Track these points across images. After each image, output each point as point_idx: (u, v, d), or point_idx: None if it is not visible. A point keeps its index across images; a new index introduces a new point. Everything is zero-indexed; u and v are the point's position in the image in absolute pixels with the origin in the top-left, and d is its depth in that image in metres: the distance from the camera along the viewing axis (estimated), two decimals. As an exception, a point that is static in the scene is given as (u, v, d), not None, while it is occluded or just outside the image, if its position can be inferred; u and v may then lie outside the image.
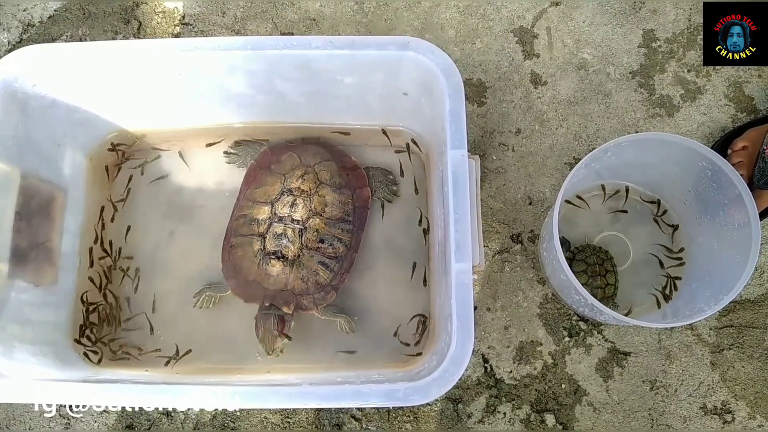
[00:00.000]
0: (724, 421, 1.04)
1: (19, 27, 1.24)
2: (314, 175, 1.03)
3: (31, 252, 0.94)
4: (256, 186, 1.06)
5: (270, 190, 1.03)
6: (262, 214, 1.01)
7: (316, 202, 1.01)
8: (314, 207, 1.01)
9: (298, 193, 1.01)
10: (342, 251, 1.02)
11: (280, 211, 1.00)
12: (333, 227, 1.01)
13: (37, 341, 0.93)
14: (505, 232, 1.12)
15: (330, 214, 1.02)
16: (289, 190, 1.02)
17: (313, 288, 1.00)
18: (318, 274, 1.00)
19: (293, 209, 1.00)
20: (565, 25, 1.21)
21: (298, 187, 1.02)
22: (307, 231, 1.00)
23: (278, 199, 1.02)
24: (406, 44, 0.86)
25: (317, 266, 1.00)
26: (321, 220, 1.00)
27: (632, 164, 1.02)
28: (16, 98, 0.91)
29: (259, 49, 0.88)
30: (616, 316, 0.86)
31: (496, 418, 1.04)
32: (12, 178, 0.92)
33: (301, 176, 1.03)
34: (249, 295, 1.01)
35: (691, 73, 1.18)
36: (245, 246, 1.01)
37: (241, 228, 1.03)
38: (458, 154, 0.81)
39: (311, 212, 1.00)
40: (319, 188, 1.02)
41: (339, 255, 1.01)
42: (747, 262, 0.85)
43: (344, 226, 1.02)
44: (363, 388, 0.76)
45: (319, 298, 1.00)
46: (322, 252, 1.00)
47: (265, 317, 0.98)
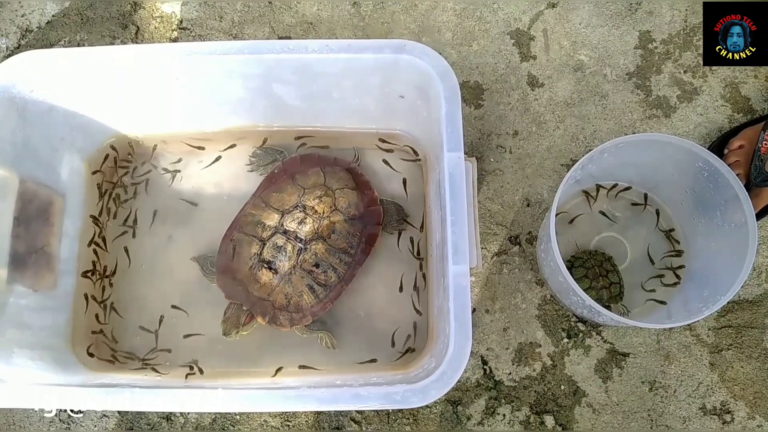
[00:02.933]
0: (723, 421, 1.04)
1: (18, 32, 1.24)
2: (332, 200, 1.02)
3: (29, 257, 0.95)
4: (275, 190, 1.04)
5: (286, 200, 1.02)
6: (271, 220, 1.01)
7: (325, 227, 1.00)
8: (321, 230, 1.00)
9: (311, 212, 1.00)
10: (333, 281, 1.00)
11: (288, 224, 1.00)
12: (332, 255, 1.00)
13: (36, 346, 0.93)
14: (503, 234, 1.12)
15: (334, 242, 1.00)
16: (303, 206, 1.01)
17: (293, 308, 0.99)
18: (302, 296, 0.99)
19: (300, 226, 0.99)
20: (562, 27, 1.21)
21: (312, 207, 1.01)
22: (306, 252, 0.99)
23: (290, 211, 1.01)
24: (402, 47, 0.87)
25: (304, 288, 0.99)
26: (324, 245, 1.00)
27: (629, 165, 1.03)
28: (14, 103, 0.91)
29: (257, 54, 0.89)
30: (615, 317, 0.86)
31: (495, 419, 1.04)
32: (10, 183, 0.92)
33: (319, 196, 1.01)
34: (231, 294, 1.01)
35: (687, 74, 1.19)
36: (244, 244, 1.01)
37: (246, 226, 1.03)
38: (455, 157, 0.81)
39: (316, 235, 1.00)
40: (333, 214, 1.01)
41: (329, 284, 1.00)
42: (744, 262, 0.86)
43: (344, 257, 1.01)
44: (361, 391, 0.76)
45: (296, 318, 0.99)
46: (314, 276, 0.99)
47: (238, 309, 1.00)
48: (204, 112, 1.06)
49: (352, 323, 1.04)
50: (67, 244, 1.02)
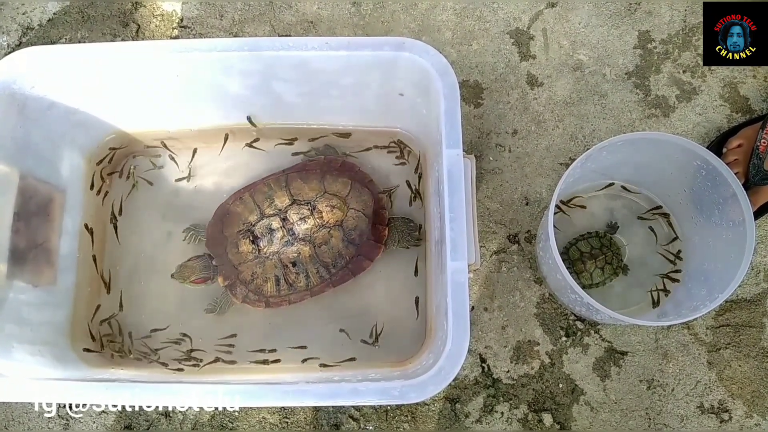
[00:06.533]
0: (721, 420, 1.04)
1: (19, 30, 1.25)
2: (343, 215, 1.02)
3: (29, 252, 0.95)
4: (301, 177, 1.05)
5: (305, 191, 1.03)
6: (280, 202, 1.02)
7: (321, 235, 1.00)
8: (316, 236, 1.00)
9: (317, 215, 1.01)
10: (301, 286, 1.01)
11: (291, 215, 1.01)
12: (313, 264, 1.00)
13: (36, 341, 0.93)
14: (502, 233, 1.12)
15: (321, 253, 1.00)
16: (314, 206, 1.01)
17: (254, 288, 1.01)
18: (266, 282, 1.00)
19: (300, 222, 1.00)
20: (561, 27, 1.22)
21: (321, 211, 1.01)
22: (291, 247, 1.00)
23: (301, 203, 1.02)
24: (402, 45, 0.87)
25: (271, 277, 1.00)
26: (310, 250, 1.00)
27: (628, 164, 1.03)
28: (15, 100, 0.91)
29: (256, 51, 0.89)
30: (613, 314, 0.86)
31: (493, 417, 1.04)
32: (10, 179, 0.93)
33: (333, 206, 1.01)
34: (213, 245, 1.04)
35: (686, 74, 1.19)
36: (245, 212, 1.03)
37: (258, 193, 1.04)
38: (453, 154, 0.81)
39: (309, 239, 1.00)
40: (335, 228, 1.01)
41: (296, 286, 1.00)
42: (742, 261, 0.86)
43: (322, 271, 1.01)
44: (359, 387, 0.76)
45: (251, 299, 1.01)
46: (286, 272, 1.00)
47: (203, 264, 1.03)
48: (203, 109, 1.06)
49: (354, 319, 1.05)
50: (66, 240, 1.03)
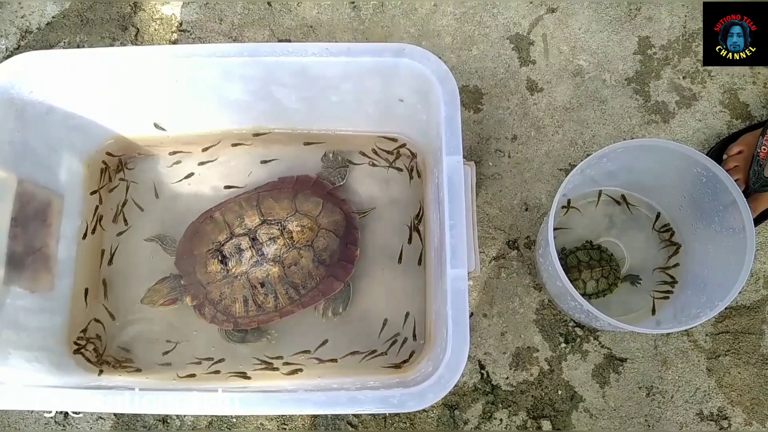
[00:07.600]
0: (720, 427, 1.04)
1: (17, 34, 1.24)
2: (314, 235, 1.00)
3: (27, 258, 0.94)
4: (273, 196, 1.02)
5: (275, 210, 1.01)
6: (250, 221, 1.00)
7: (291, 256, 0.98)
8: (285, 257, 0.98)
9: (287, 235, 0.98)
10: (270, 307, 0.99)
11: (260, 234, 0.98)
12: (281, 284, 0.98)
13: (33, 347, 0.92)
14: (502, 239, 1.12)
15: (290, 273, 0.98)
16: (284, 226, 0.99)
17: (222, 308, 0.99)
18: (235, 303, 0.98)
19: (270, 243, 0.98)
20: (561, 32, 1.22)
21: (291, 231, 0.99)
22: (260, 268, 0.98)
23: (270, 223, 0.99)
24: (402, 51, 0.87)
25: (239, 297, 0.98)
26: (279, 271, 0.97)
27: (628, 170, 1.03)
28: (13, 104, 0.91)
29: (256, 56, 0.89)
30: (612, 321, 0.86)
31: (492, 424, 1.04)
32: (8, 184, 0.92)
33: (303, 226, 1.00)
34: (181, 265, 1.02)
35: (686, 80, 1.19)
36: (214, 231, 1.01)
37: (229, 212, 1.02)
38: (454, 161, 0.81)
39: (278, 258, 0.98)
40: (305, 249, 0.99)
41: (264, 307, 0.99)
42: (742, 268, 0.86)
43: (291, 292, 0.99)
44: (358, 395, 0.76)
45: (219, 319, 1.00)
46: (254, 293, 0.98)
47: (170, 285, 1.01)
48: (203, 115, 1.06)
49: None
50: (64, 246, 1.02)
